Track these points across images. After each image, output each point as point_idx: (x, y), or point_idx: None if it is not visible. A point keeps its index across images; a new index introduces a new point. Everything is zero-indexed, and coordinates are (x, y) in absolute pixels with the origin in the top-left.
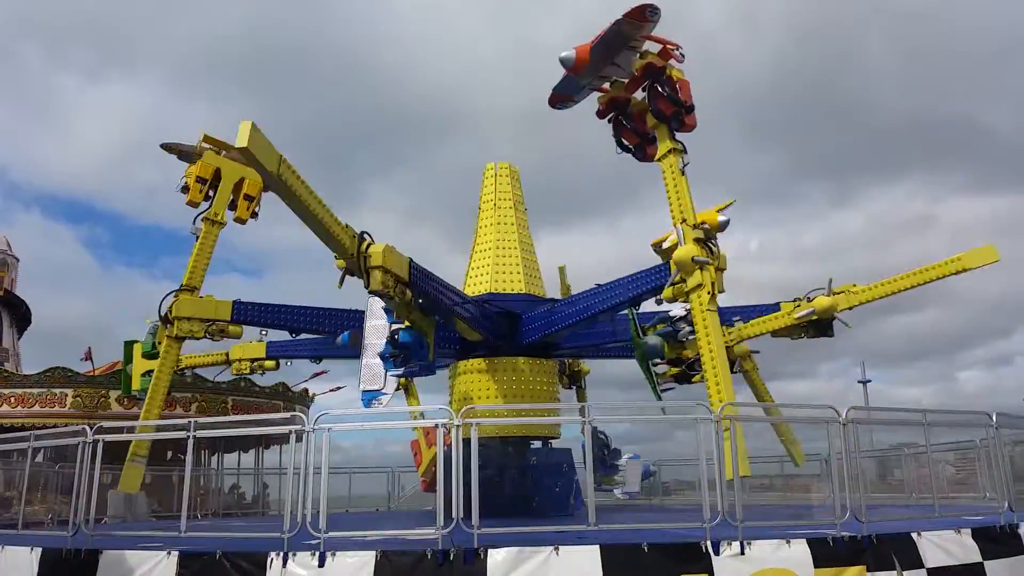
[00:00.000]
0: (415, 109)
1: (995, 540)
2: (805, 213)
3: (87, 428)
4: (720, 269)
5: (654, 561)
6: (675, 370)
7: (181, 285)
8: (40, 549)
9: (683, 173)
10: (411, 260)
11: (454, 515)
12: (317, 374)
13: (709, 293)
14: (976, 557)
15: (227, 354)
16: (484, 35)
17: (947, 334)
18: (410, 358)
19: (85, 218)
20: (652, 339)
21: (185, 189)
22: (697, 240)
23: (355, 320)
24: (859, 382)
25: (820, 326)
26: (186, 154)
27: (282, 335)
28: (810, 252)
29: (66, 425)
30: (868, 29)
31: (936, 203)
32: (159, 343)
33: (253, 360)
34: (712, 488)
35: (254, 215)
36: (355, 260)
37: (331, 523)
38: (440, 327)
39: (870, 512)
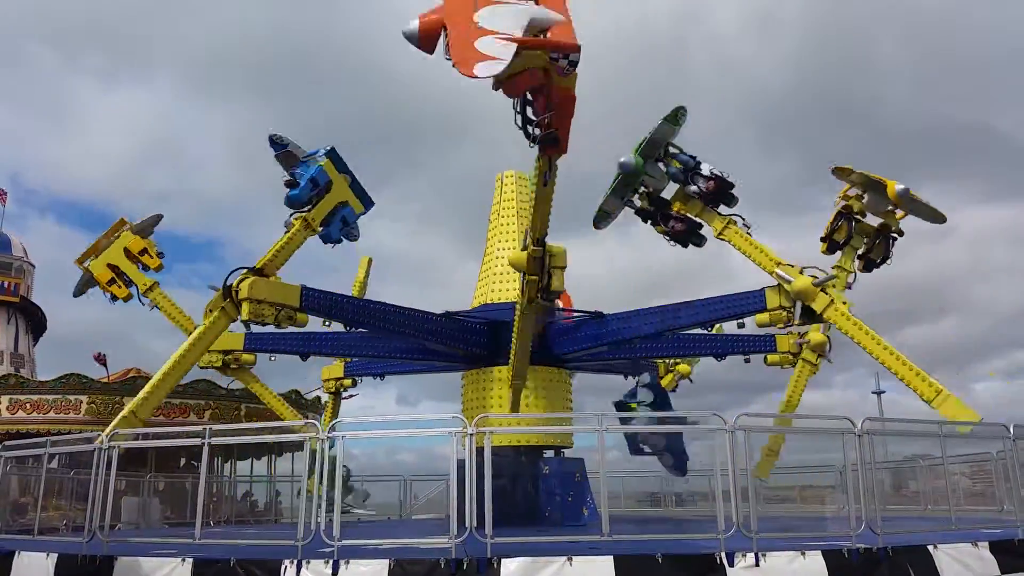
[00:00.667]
0: (428, 112)
1: (1013, 553)
2: (819, 221)
3: (103, 435)
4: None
5: (668, 572)
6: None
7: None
8: (56, 555)
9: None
10: (303, 288)
11: (467, 524)
12: None
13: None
14: (994, 570)
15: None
16: None
17: (964, 344)
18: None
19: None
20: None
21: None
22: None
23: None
24: (873, 392)
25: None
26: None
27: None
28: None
29: (80, 432)
30: (884, 33)
31: (952, 212)
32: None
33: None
34: (727, 499)
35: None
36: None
37: (344, 531)
38: (443, 339)
39: (886, 524)
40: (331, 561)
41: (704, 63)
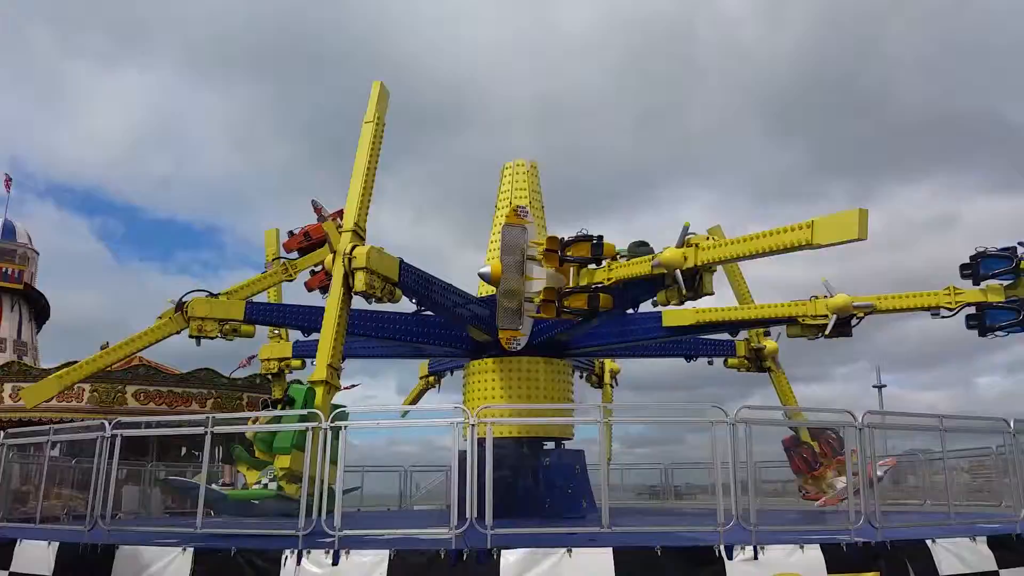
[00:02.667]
0: (429, 100)
1: (1011, 549)
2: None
3: (105, 423)
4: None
5: (667, 564)
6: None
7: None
8: (57, 544)
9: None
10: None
11: (468, 515)
12: None
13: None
14: (991, 566)
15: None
16: (500, 25)
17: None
18: None
19: (99, 210)
20: None
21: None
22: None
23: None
24: (874, 387)
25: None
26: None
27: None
28: (829, 253)
29: (83, 420)
30: (893, 20)
31: (959, 202)
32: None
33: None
34: (726, 492)
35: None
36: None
37: (345, 522)
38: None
39: (884, 518)
40: (331, 551)
41: (713, 49)
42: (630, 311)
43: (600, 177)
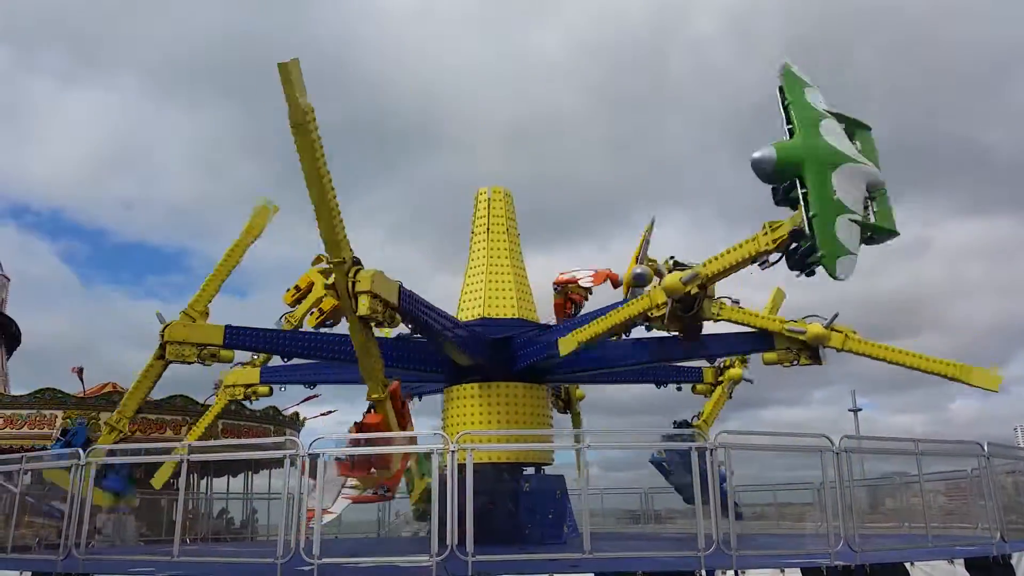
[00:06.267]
0: (399, 120)
1: (988, 570)
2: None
3: (80, 451)
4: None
5: None
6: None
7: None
8: (29, 573)
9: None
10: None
11: (448, 542)
12: (308, 398)
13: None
14: None
15: None
16: (472, 45)
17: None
18: None
19: (63, 233)
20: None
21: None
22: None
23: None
24: (850, 410)
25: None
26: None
27: (276, 360)
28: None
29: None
30: (865, 45)
31: (930, 226)
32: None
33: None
34: (707, 516)
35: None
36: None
37: (323, 549)
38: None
39: (863, 541)
40: None
41: (683, 69)
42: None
43: (572, 203)
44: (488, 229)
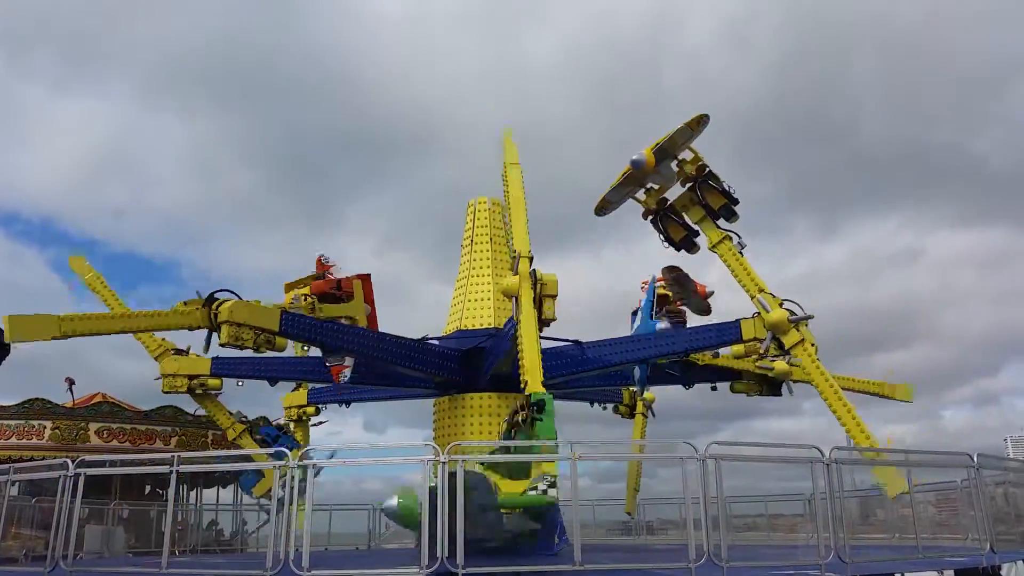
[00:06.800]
0: (396, 128)
1: None
2: (789, 244)
3: (68, 462)
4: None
5: None
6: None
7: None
8: None
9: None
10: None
11: (438, 554)
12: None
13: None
14: None
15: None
16: (468, 54)
17: (933, 371)
18: None
19: (53, 241)
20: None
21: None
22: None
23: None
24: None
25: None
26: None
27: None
28: (794, 285)
29: (43, 458)
30: (860, 56)
31: (924, 236)
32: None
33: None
34: (697, 527)
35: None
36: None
37: (313, 561)
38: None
39: (854, 552)
40: None
41: (678, 79)
42: None
43: (565, 211)
44: (472, 240)
